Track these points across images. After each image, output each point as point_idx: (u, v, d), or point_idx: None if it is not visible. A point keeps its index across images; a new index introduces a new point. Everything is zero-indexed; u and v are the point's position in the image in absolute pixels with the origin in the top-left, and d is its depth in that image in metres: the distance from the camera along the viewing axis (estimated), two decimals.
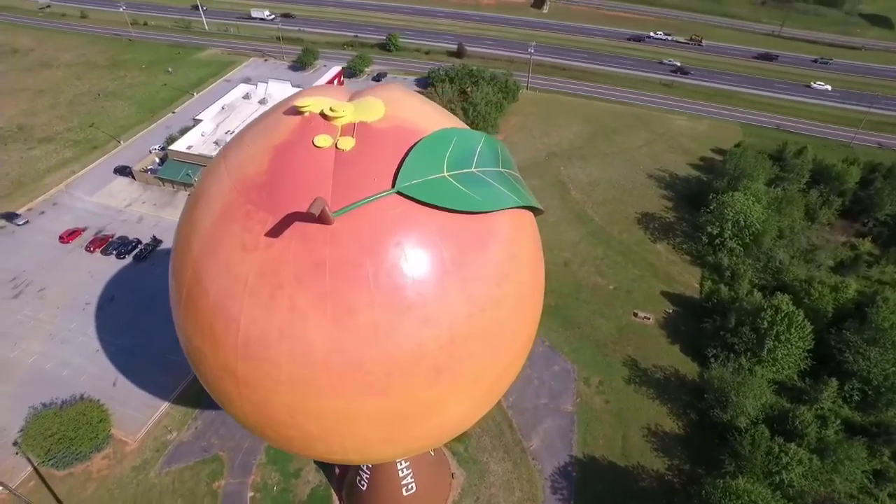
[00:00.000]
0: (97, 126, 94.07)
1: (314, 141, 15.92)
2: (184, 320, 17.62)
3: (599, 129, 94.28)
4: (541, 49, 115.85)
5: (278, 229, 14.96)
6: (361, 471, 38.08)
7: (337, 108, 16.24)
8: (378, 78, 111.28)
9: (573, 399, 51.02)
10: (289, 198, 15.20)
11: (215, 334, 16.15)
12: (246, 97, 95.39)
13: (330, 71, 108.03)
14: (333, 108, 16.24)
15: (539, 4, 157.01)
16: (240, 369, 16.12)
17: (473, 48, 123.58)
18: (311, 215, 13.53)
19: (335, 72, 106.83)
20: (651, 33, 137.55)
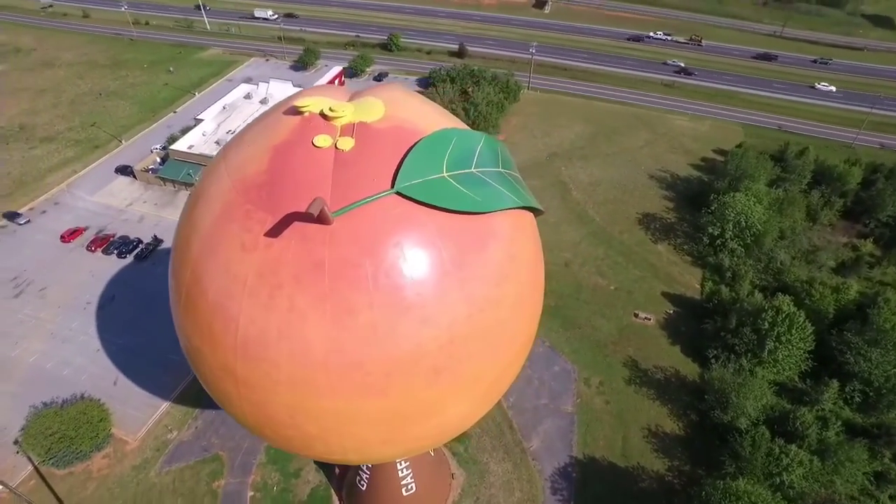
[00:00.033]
0: (99, 125, 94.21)
1: (314, 141, 15.92)
2: (183, 320, 17.63)
3: (601, 130, 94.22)
4: (542, 49, 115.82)
5: (277, 229, 14.96)
6: (361, 471, 38.08)
7: (336, 109, 16.24)
8: (379, 78, 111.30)
9: (573, 400, 50.97)
10: (288, 198, 15.19)
11: (214, 334, 16.15)
12: (247, 97, 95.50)
13: (331, 71, 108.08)
14: (333, 108, 16.24)
15: (541, 5, 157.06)
16: (239, 369, 16.13)
17: (475, 48, 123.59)
18: (310, 215, 13.53)
19: (336, 72, 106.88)
20: (651, 33, 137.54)
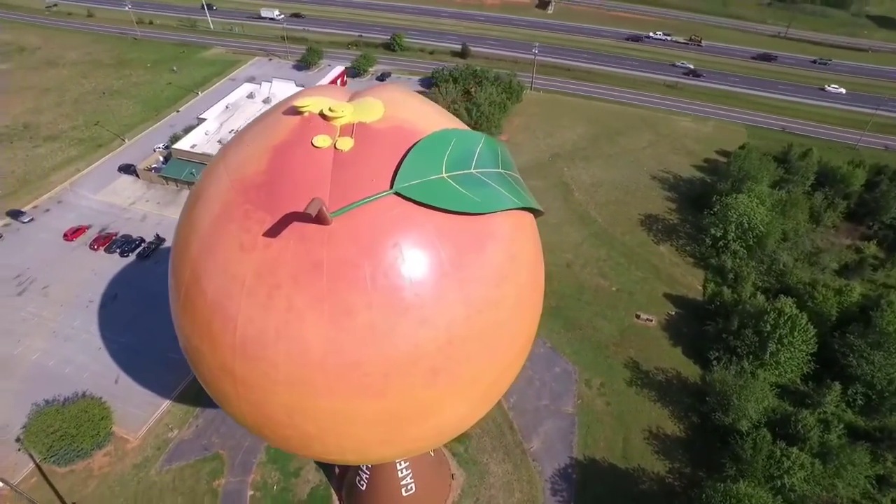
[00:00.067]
0: (102, 124, 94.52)
1: (313, 141, 15.91)
2: (182, 319, 17.65)
3: (603, 130, 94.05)
4: (545, 49, 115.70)
5: (276, 229, 14.95)
6: (361, 471, 38.09)
7: (336, 109, 16.23)
8: (382, 78, 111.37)
9: (574, 401, 50.88)
10: (287, 198, 15.18)
11: (213, 333, 16.16)
12: (250, 96, 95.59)
13: (332, 71, 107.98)
14: (332, 109, 16.24)
15: (544, 5, 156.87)
16: (237, 369, 16.13)
17: (477, 48, 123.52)
18: (308, 215, 13.53)
19: (338, 72, 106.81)
20: (651, 33, 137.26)
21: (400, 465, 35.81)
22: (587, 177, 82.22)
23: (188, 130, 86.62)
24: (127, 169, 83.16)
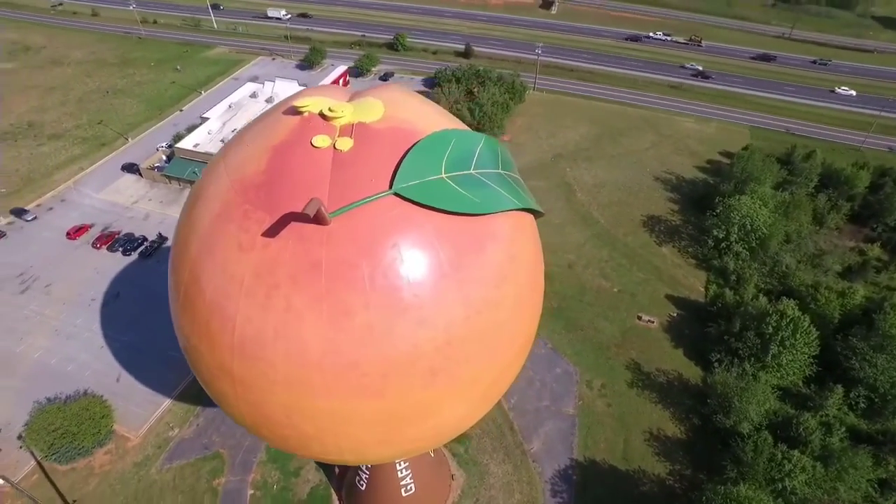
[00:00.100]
0: (106, 123, 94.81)
1: (312, 141, 15.91)
2: (181, 319, 17.69)
3: (606, 131, 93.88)
4: (548, 50, 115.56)
5: (275, 229, 14.95)
6: (361, 471, 38.09)
7: (336, 109, 16.23)
8: (385, 77, 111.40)
9: (575, 402, 50.77)
10: (286, 198, 15.18)
11: (211, 333, 16.18)
12: (253, 96, 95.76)
13: (335, 71, 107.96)
14: (332, 109, 16.23)
15: (547, 5, 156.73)
16: (236, 368, 16.14)
17: (481, 48, 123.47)
18: (306, 216, 13.52)
19: (340, 71, 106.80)
20: (651, 33, 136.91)
21: (400, 466, 35.80)
22: (590, 177, 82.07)
23: (191, 130, 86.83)
24: (130, 168, 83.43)
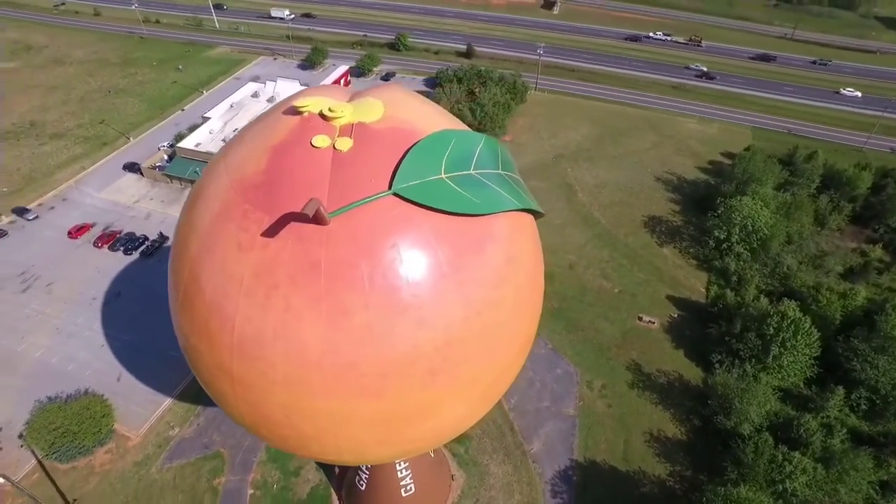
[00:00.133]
0: (107, 123, 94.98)
1: (312, 141, 15.89)
2: (181, 318, 17.71)
3: (607, 131, 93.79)
4: (550, 50, 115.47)
5: (274, 229, 14.95)
6: (361, 471, 38.09)
7: (335, 109, 16.22)
8: (386, 77, 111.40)
9: (575, 402, 50.72)
10: (286, 198, 15.17)
11: (211, 333, 16.18)
12: (254, 95, 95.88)
13: (336, 70, 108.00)
14: (332, 109, 16.22)
15: (549, 5, 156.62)
16: (235, 368, 16.14)
17: (482, 48, 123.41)
18: (306, 216, 13.51)
19: (341, 71, 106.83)
20: (650, 33, 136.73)
21: (399, 466, 35.79)
22: (591, 178, 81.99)
23: (193, 129, 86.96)
24: (131, 167, 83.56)
